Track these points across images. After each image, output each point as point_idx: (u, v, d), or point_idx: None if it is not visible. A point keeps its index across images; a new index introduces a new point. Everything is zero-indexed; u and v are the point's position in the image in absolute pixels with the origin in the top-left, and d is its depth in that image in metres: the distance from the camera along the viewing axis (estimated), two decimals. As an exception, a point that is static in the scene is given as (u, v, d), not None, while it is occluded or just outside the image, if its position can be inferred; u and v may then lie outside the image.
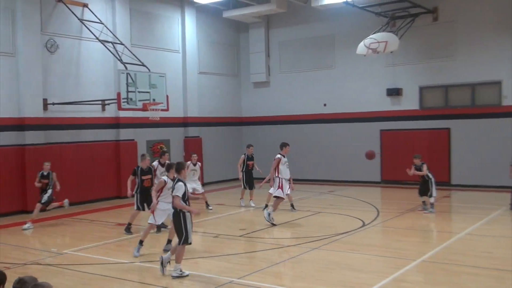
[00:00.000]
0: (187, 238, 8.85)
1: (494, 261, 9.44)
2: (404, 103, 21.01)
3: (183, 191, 8.74)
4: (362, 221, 13.46)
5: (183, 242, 8.88)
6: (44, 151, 16.66)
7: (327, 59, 22.73)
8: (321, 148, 22.81)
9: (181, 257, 8.99)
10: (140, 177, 12.56)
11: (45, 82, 16.94)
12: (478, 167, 19.46)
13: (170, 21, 21.55)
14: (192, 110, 22.24)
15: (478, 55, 19.34)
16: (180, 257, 8.94)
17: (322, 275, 8.84)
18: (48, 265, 9.96)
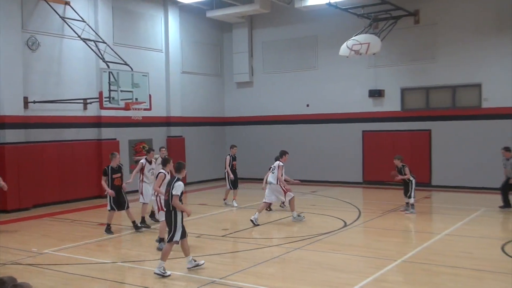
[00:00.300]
0: (173, 236, 8.95)
1: (474, 261, 9.57)
2: (386, 104, 21.19)
3: (182, 191, 8.95)
4: (344, 221, 13.55)
5: (169, 239, 9.00)
6: (25, 150, 16.50)
7: (310, 60, 22.83)
8: (304, 148, 22.89)
9: (167, 255, 9.00)
10: (110, 176, 12.56)
11: (26, 80, 16.76)
12: (458, 168, 19.70)
13: (153, 20, 21.46)
14: (175, 110, 22.18)
15: (459, 57, 19.58)
16: (165, 255, 8.97)
17: (304, 275, 8.88)
18: (28, 265, 9.86)
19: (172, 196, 8.90)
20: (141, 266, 9.74)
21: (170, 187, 9.02)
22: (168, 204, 9.01)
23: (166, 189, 9.19)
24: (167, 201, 9.08)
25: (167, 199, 9.05)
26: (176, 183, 8.96)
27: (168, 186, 9.13)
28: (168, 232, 9.09)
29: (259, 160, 22.61)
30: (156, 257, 10.22)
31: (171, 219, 8.98)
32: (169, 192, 8.99)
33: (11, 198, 16.03)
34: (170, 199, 8.95)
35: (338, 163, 22.05)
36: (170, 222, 8.99)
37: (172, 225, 8.94)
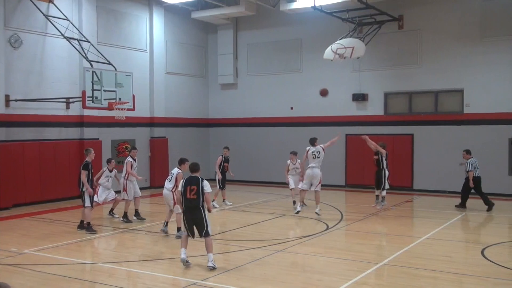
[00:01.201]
0: (208, 231, 9.46)
1: (453, 265, 9.67)
2: (369, 108, 21.33)
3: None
4: (326, 224, 13.59)
5: (206, 234, 9.42)
6: (5, 148, 16.31)
7: (294, 63, 22.90)
8: (288, 151, 22.82)
9: (211, 247, 9.47)
10: (91, 171, 12.63)
11: (7, 78, 16.56)
12: (440, 173, 19.88)
13: (137, 20, 21.36)
14: (159, 110, 22.09)
15: (441, 63, 19.79)
16: (210, 246, 9.43)
17: (286, 277, 8.90)
18: (7, 265, 9.74)
19: (205, 194, 9.36)
20: (122, 267, 9.67)
21: (198, 186, 9.37)
22: (197, 202, 9.35)
23: (192, 187, 9.39)
24: (195, 199, 9.36)
25: (195, 197, 9.35)
26: (204, 182, 9.43)
27: (192, 185, 9.40)
28: (202, 228, 9.41)
29: (242, 161, 22.61)
30: (137, 259, 10.18)
31: (201, 214, 9.41)
32: (196, 191, 9.35)
33: (-9, 197, 15.84)
34: (202, 197, 9.35)
35: (321, 166, 22.06)
36: (202, 218, 9.41)
37: (205, 220, 9.42)
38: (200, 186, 9.36)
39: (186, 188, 9.42)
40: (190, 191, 9.37)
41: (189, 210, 9.43)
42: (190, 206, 9.39)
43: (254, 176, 23.53)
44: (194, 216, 9.42)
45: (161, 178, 21.79)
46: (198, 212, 9.39)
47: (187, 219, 9.51)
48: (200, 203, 9.37)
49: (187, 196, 9.39)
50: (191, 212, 9.43)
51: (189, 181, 9.48)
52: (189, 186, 9.39)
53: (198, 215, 9.40)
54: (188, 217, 9.49)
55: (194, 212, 9.41)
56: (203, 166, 21.15)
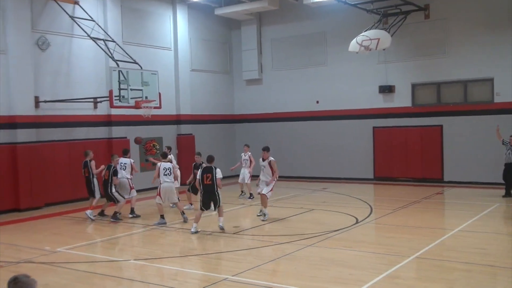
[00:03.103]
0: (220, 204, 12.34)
1: (487, 257, 9.49)
2: (396, 100, 21.07)
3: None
4: (356, 218, 13.49)
5: (219, 205, 12.29)
6: (36, 149, 16.60)
7: (319, 57, 22.74)
8: (314, 145, 22.85)
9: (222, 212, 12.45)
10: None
11: (36, 79, 16.84)
12: (471, 164, 19.55)
13: (161, 19, 21.47)
14: (185, 108, 22.20)
15: (470, 52, 19.42)
16: (221, 212, 12.40)
17: (316, 272, 8.85)
18: (41, 263, 9.91)
19: (217, 179, 11.94)
20: (153, 264, 9.75)
21: (212, 173, 11.93)
22: (212, 186, 11.94)
23: (207, 175, 11.95)
24: (210, 184, 11.94)
25: (210, 183, 11.92)
26: (217, 170, 12.00)
27: (207, 173, 11.97)
28: (216, 203, 12.20)
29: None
30: (168, 255, 10.25)
31: (216, 195, 12.09)
32: (211, 177, 11.92)
33: (23, 197, 16.16)
34: (215, 182, 11.92)
35: (348, 159, 21.97)
36: (216, 197, 12.11)
37: (218, 198, 12.16)
38: (214, 174, 11.95)
39: (203, 176, 12.02)
40: (206, 178, 11.99)
41: (206, 193, 12.08)
42: (207, 190, 12.05)
43: (281, 171, 23.31)
44: (211, 197, 12.05)
45: (189, 175, 21.93)
46: (213, 194, 12.03)
47: (205, 199, 12.10)
48: (214, 187, 11.98)
49: (204, 182, 12.01)
50: (208, 194, 12.06)
51: (206, 170, 12.08)
52: (205, 174, 12.02)
53: (213, 196, 12.05)
54: (205, 197, 12.09)
55: (210, 194, 12.05)
56: (230, 162, 21.47)
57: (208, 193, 12.06)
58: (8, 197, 15.99)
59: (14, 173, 16.14)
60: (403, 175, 20.76)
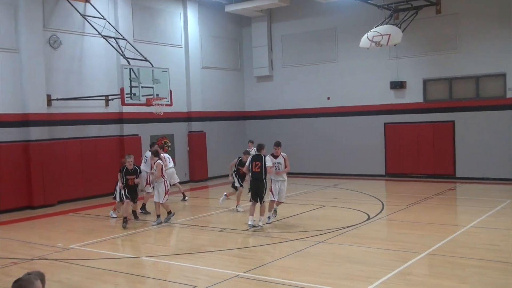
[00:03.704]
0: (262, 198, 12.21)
1: (500, 253, 9.42)
2: (408, 96, 20.96)
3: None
4: (367, 214, 13.45)
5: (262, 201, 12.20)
6: (49, 147, 16.73)
7: (330, 53, 22.68)
8: (325, 141, 22.80)
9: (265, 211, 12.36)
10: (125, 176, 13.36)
11: (48, 78, 16.96)
12: (483, 160, 19.41)
13: (172, 16, 21.52)
14: (196, 105, 22.24)
15: (482, 47, 19.26)
16: (264, 211, 12.31)
17: (327, 269, 8.85)
18: (55, 260, 10.00)
19: (266, 167, 11.96)
20: (165, 261, 9.80)
21: (261, 161, 11.98)
22: (261, 174, 12.02)
23: (256, 163, 12.05)
24: (259, 172, 12.02)
25: (259, 171, 11.99)
26: (266, 158, 12.00)
27: (256, 161, 12.06)
28: (261, 195, 12.11)
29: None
30: (179, 252, 10.30)
31: (263, 184, 12.12)
32: (260, 165, 11.98)
33: (36, 194, 16.30)
34: (264, 170, 11.96)
35: (360, 156, 21.90)
36: (263, 187, 12.14)
37: (265, 189, 12.15)
38: (263, 162, 12.01)
39: (252, 163, 12.12)
40: (255, 166, 12.08)
41: (255, 180, 12.17)
42: (256, 177, 12.14)
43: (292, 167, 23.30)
44: (259, 184, 12.08)
45: (200, 172, 22.08)
46: (261, 181, 12.10)
47: (253, 187, 12.22)
48: (263, 174, 12.06)
49: (253, 169, 12.09)
50: (257, 182, 12.13)
51: (255, 158, 12.21)
52: (254, 162, 12.13)
53: (261, 183, 12.10)
54: (254, 185, 12.20)
55: (258, 182, 12.09)
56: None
57: (257, 181, 12.13)
58: (21, 195, 16.13)
59: (27, 171, 16.28)
60: (415, 171, 20.67)
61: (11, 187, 15.88)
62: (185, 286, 8.02)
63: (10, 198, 15.80)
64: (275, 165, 12.29)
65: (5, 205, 15.64)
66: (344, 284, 8.07)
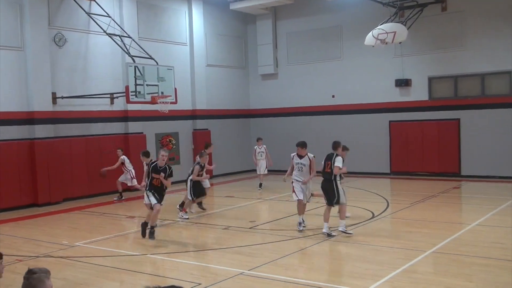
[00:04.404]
0: (339, 199, 10.93)
1: (505, 252, 9.39)
2: (413, 94, 20.90)
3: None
4: (372, 212, 13.43)
5: (336, 202, 10.95)
6: (54, 145, 16.77)
7: (335, 50, 22.63)
8: (330, 139, 22.56)
9: (344, 213, 11.09)
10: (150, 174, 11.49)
11: (53, 76, 17.00)
12: (488, 158, 19.34)
13: (177, 14, 21.52)
14: (201, 103, 22.25)
15: (487, 45, 19.17)
16: (344, 213, 11.05)
17: (333, 267, 8.85)
18: (60, 258, 10.03)
19: (334, 168, 10.91)
20: (170, 258, 9.82)
21: (331, 161, 10.97)
22: (330, 174, 10.94)
23: (327, 162, 11.06)
24: (329, 172, 10.97)
25: (329, 171, 10.96)
26: (337, 158, 11.02)
27: (328, 160, 11.06)
28: (330, 197, 10.95)
29: (284, 151, 22.46)
30: (184, 249, 10.31)
31: (332, 185, 10.95)
32: (330, 165, 10.96)
33: (41, 192, 16.34)
34: (332, 170, 10.89)
35: (365, 154, 21.83)
36: (332, 188, 10.93)
37: (335, 190, 10.93)
38: (332, 161, 10.97)
39: (325, 163, 11.17)
40: (327, 166, 11.11)
41: (325, 181, 11.12)
42: (326, 178, 11.09)
43: (297, 165, 23.41)
44: (326, 186, 11.04)
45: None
46: (330, 184, 10.96)
47: (323, 189, 11.17)
48: (332, 175, 10.94)
49: (325, 169, 11.11)
50: (326, 183, 11.09)
51: (327, 157, 11.25)
52: (326, 162, 11.15)
53: (330, 185, 10.96)
54: (323, 187, 11.14)
55: (326, 183, 11.05)
56: (245, 156, 21.54)
57: (326, 181, 11.09)
58: (26, 192, 16.18)
59: (32, 168, 16.33)
60: (420, 170, 20.61)
61: (16, 185, 15.93)
62: (190, 284, 8.03)
63: (15, 196, 15.85)
64: (298, 166, 11.63)
65: (10, 202, 15.69)
66: (349, 282, 8.06)
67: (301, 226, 11.60)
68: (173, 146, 20.84)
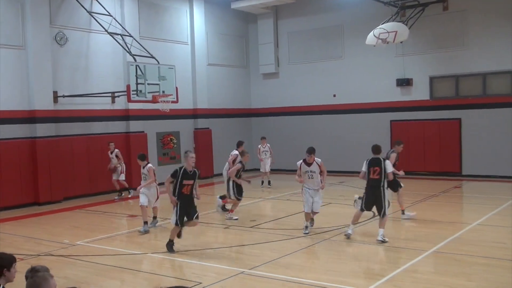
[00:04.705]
0: (385, 211, 10.25)
1: (506, 251, 9.38)
2: (414, 93, 20.89)
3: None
4: (373, 212, 13.40)
5: (383, 214, 10.21)
6: (55, 144, 16.78)
7: (336, 50, 22.62)
8: (331, 139, 22.75)
9: (384, 224, 10.23)
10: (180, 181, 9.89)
11: (55, 74, 17.01)
12: (489, 158, 19.32)
13: (178, 13, 21.52)
14: (202, 102, 22.25)
15: (489, 44, 19.15)
16: (383, 224, 10.21)
17: (334, 266, 8.84)
18: (61, 256, 10.04)
19: (387, 173, 10.19)
20: (171, 257, 9.82)
21: (380, 167, 10.18)
22: (379, 181, 10.17)
23: (375, 168, 10.22)
24: (377, 179, 10.18)
25: (378, 177, 10.16)
26: (386, 162, 10.40)
27: (375, 166, 10.23)
28: (380, 207, 10.24)
29: (285, 150, 22.53)
30: (185, 249, 10.31)
31: (381, 193, 10.20)
32: (379, 171, 10.16)
33: (42, 191, 16.36)
34: (384, 177, 10.14)
35: (366, 153, 21.64)
36: (381, 197, 10.20)
37: (383, 200, 10.20)
38: (383, 167, 10.18)
39: (370, 169, 10.32)
40: (374, 172, 10.26)
41: (371, 188, 10.28)
42: (373, 185, 10.25)
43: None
44: (375, 194, 10.20)
45: (206, 169, 22.08)
46: (378, 191, 10.18)
47: (368, 195, 10.34)
48: (381, 182, 10.20)
49: (371, 176, 10.27)
50: (373, 190, 10.24)
51: (373, 163, 10.37)
52: (372, 167, 10.28)
53: (378, 193, 10.17)
54: (369, 193, 10.31)
55: (375, 191, 10.19)
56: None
57: (373, 189, 10.27)
58: (27, 191, 16.20)
59: (34, 167, 16.34)
60: (421, 169, 20.59)
61: (17, 184, 15.95)
62: (191, 283, 8.03)
63: (16, 195, 15.87)
64: (308, 174, 11.07)
65: (12, 201, 15.71)
66: (350, 281, 8.06)
67: (307, 229, 11.30)
68: (174, 145, 20.85)
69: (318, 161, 11.15)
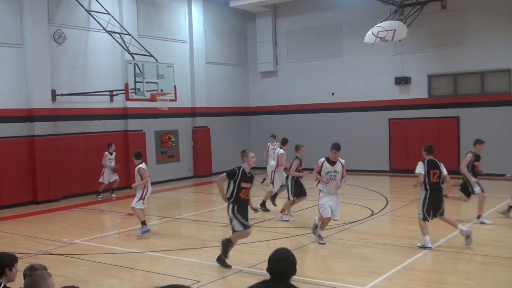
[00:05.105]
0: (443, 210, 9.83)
1: (504, 250, 9.41)
2: (412, 91, 20.90)
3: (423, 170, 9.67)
4: (371, 210, 13.44)
5: (441, 213, 9.83)
6: (53, 142, 16.77)
7: (334, 48, 22.62)
8: (329, 137, 22.66)
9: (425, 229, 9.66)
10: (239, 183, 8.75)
11: (53, 73, 16.99)
12: (487, 156, 19.21)
13: (176, 11, 21.50)
14: (200, 100, 22.24)
15: (487, 43, 19.17)
16: (424, 228, 9.66)
17: (332, 264, 8.85)
18: (59, 255, 10.03)
19: (445, 176, 9.72)
20: (170, 256, 9.82)
21: (439, 169, 9.68)
22: (439, 184, 9.72)
23: (435, 171, 9.66)
24: (437, 183, 9.67)
25: (438, 181, 9.68)
26: (441, 164, 9.79)
27: (434, 169, 9.66)
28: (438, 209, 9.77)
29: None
30: (184, 247, 10.31)
31: (442, 197, 9.92)
32: (439, 174, 9.68)
33: (41, 189, 16.35)
34: (440, 180, 9.70)
35: (364, 151, 21.84)
36: (442, 200, 9.84)
37: (442, 202, 9.86)
38: (441, 169, 9.70)
39: (430, 172, 9.67)
40: (433, 175, 9.67)
41: (434, 192, 9.68)
42: (435, 188, 9.67)
43: (297, 163, 23.41)
44: (438, 197, 9.75)
45: (204, 168, 22.08)
46: (439, 194, 9.81)
47: (432, 201, 9.68)
48: (441, 185, 9.77)
49: (431, 179, 9.65)
50: (436, 195, 9.71)
51: (431, 165, 9.74)
52: (432, 170, 9.66)
53: (439, 197, 9.80)
54: (433, 199, 9.68)
55: (437, 194, 9.73)
56: (245, 154, 21.39)
57: (436, 192, 9.70)
58: (25, 190, 16.19)
59: (32, 166, 16.33)
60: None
61: (15, 182, 15.93)
62: (189, 281, 8.03)
63: (14, 193, 15.86)
64: (331, 175, 10.06)
65: (10, 200, 15.70)
66: (348, 279, 8.07)
67: (323, 240, 10.19)
68: (173, 143, 20.84)
69: (342, 161, 10.29)
